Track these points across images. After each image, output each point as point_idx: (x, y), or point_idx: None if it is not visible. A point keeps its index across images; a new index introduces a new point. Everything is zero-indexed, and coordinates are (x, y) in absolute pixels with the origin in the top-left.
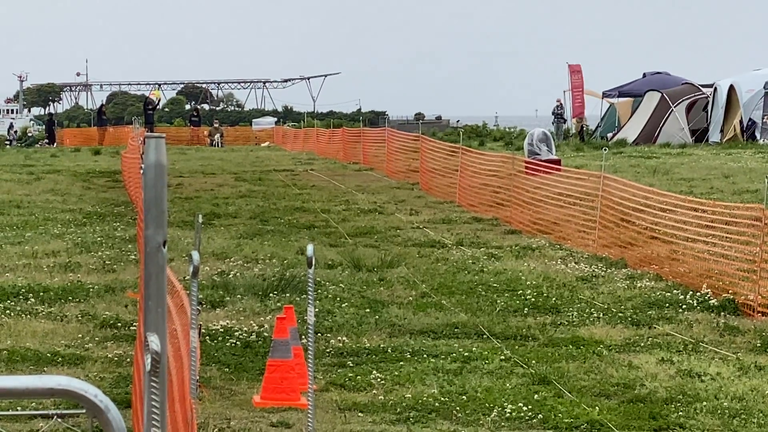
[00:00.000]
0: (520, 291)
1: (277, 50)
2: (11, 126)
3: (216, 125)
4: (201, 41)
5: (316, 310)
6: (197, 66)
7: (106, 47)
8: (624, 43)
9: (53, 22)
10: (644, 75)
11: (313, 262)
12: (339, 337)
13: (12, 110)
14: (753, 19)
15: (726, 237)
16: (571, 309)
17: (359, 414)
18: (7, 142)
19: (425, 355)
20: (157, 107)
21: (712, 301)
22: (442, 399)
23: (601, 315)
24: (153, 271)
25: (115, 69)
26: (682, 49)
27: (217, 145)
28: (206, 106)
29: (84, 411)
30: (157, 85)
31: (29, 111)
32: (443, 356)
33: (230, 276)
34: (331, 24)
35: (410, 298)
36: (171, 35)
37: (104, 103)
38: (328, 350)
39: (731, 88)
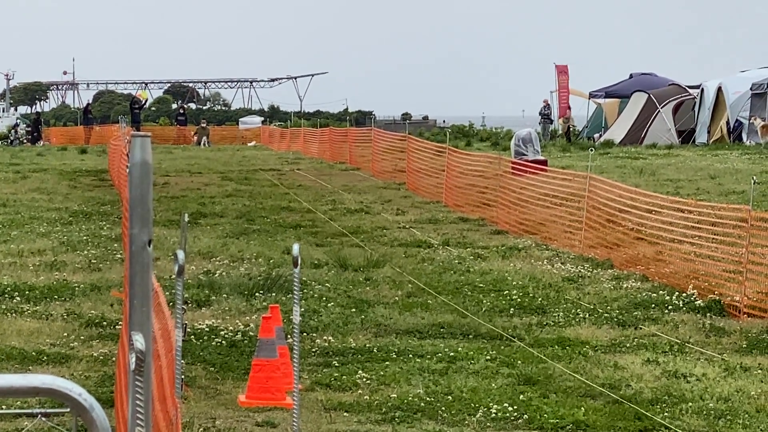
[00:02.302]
0: (506, 291)
1: (264, 50)
2: (16, 125)
3: (203, 125)
4: (188, 40)
5: (302, 309)
6: (184, 65)
7: (93, 46)
8: (611, 44)
9: (40, 21)
10: (631, 76)
11: (299, 262)
12: (325, 337)
13: None
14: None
15: (712, 238)
16: (557, 309)
17: (345, 414)
18: (8, 142)
19: (411, 355)
20: (144, 106)
21: (698, 302)
22: (428, 399)
23: (587, 315)
24: (138, 270)
25: (101, 68)
26: (669, 50)
27: (204, 145)
28: (193, 106)
29: (68, 410)
30: (144, 85)
31: (16, 110)
32: (429, 356)
33: (216, 275)
34: (319, 24)
35: (396, 297)
36: (158, 34)
37: (90, 102)
38: (313, 350)
39: (719, 90)
